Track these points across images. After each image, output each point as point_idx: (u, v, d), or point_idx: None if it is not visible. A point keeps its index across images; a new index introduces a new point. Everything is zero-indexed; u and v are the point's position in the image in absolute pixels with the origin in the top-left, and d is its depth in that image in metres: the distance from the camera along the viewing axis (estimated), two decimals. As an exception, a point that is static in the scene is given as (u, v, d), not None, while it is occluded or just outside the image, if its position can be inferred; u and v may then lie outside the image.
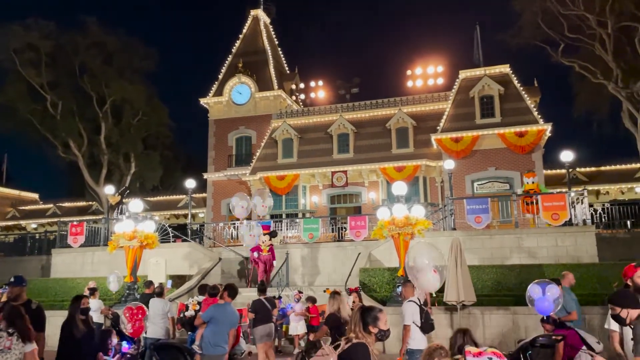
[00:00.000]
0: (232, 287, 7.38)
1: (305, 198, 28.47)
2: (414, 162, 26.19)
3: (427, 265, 7.35)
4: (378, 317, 4.30)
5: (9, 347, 4.47)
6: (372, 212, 26.13)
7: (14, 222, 39.87)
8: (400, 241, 12.70)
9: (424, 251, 7.68)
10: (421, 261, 7.42)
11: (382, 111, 29.25)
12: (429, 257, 7.52)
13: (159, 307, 9.51)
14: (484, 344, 12.02)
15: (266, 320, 9.66)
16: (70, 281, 17.46)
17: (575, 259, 14.93)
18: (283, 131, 29.58)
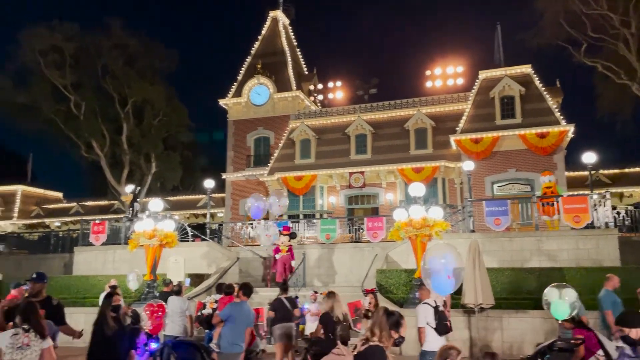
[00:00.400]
0: (247, 286, 7.44)
1: (322, 199, 28.49)
2: (433, 163, 26.03)
3: (441, 268, 7.29)
4: (401, 323, 4.30)
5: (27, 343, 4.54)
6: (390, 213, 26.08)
7: (38, 220, 40.74)
8: (418, 243, 12.64)
9: (440, 253, 7.60)
10: (435, 263, 7.35)
11: (400, 112, 29.11)
12: (445, 259, 7.44)
13: (177, 305, 9.63)
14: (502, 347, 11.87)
15: (285, 319, 9.67)
16: (92, 279, 17.75)
17: (596, 262, 14.67)
18: (301, 132, 29.66)
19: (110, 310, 6.06)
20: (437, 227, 12.48)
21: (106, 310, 6.06)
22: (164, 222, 15.01)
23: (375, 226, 17.70)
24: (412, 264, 14.88)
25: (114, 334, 5.92)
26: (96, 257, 19.94)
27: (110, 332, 5.91)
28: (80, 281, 17.87)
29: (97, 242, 20.00)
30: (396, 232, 12.88)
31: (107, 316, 6.03)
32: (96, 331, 6.04)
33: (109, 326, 5.94)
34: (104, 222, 20.49)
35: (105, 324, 5.95)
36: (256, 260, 19.32)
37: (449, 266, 7.33)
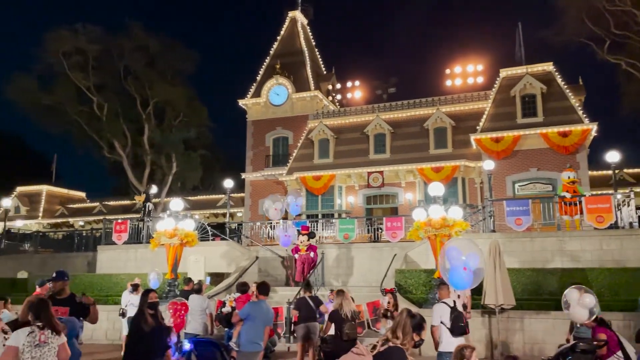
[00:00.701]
0: (264, 284, 7.47)
1: (341, 198, 28.49)
2: (453, 162, 25.84)
3: (458, 261, 7.20)
4: (423, 326, 4.32)
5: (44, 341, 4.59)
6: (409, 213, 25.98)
7: (62, 219, 41.56)
8: (437, 243, 12.57)
9: (457, 246, 7.50)
10: (453, 256, 7.26)
11: (419, 111, 28.96)
12: (462, 252, 7.33)
13: (198, 304, 9.74)
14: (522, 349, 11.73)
15: (308, 318, 9.68)
16: (115, 277, 18.08)
17: (620, 263, 14.39)
18: (319, 131, 29.70)
19: (147, 307, 6.03)
20: (456, 227, 12.39)
21: (144, 307, 6.03)
22: (185, 222, 15.18)
23: (394, 226, 17.66)
24: (431, 264, 14.83)
25: (151, 330, 5.86)
26: (118, 255, 20.27)
27: (148, 328, 5.86)
28: (103, 279, 18.21)
29: (119, 241, 20.31)
30: (415, 232, 12.82)
31: (145, 313, 5.98)
32: (134, 328, 6.01)
33: (147, 323, 5.88)
34: (125, 221, 20.79)
35: (144, 320, 5.91)
36: (275, 260, 19.42)
37: (468, 261, 7.23)
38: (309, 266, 16.52)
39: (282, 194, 30.55)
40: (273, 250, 19.44)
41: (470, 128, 26.44)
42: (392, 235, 17.65)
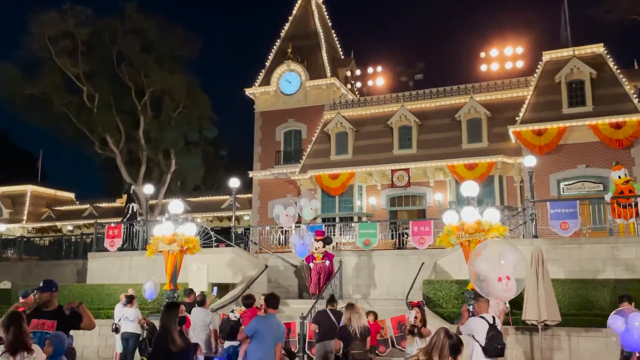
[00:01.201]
0: (273, 296, 7.45)
1: (361, 199, 28.49)
2: (488, 158, 25.69)
3: (494, 268, 7.09)
4: (461, 349, 4.38)
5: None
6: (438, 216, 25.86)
7: (49, 223, 42.17)
8: (471, 250, 12.47)
9: (493, 249, 7.37)
10: (487, 263, 7.15)
11: (450, 100, 28.84)
12: (500, 257, 7.20)
13: (200, 318, 9.80)
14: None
15: (329, 335, 9.67)
16: (107, 287, 18.30)
17: (684, 274, 14.16)
18: (337, 124, 29.73)
19: (176, 323, 5.71)
20: (493, 232, 12.27)
21: (172, 323, 5.70)
22: (185, 226, 15.24)
23: (422, 231, 17.61)
24: (464, 274, 14.74)
25: (180, 351, 5.56)
26: (111, 263, 20.49)
27: (176, 349, 5.56)
28: (94, 290, 18.45)
29: (112, 248, 20.52)
30: (446, 237, 12.75)
31: (172, 331, 5.64)
32: (159, 350, 5.68)
33: (175, 343, 5.56)
34: (119, 225, 21.02)
35: (171, 340, 5.57)
36: (287, 269, 19.49)
37: (505, 267, 7.10)
38: (325, 276, 16.55)
39: (295, 195, 30.75)
40: (284, 259, 19.51)
41: (509, 119, 26.26)
42: (420, 241, 17.58)
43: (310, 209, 16.90)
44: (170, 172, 36.55)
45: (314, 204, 17.09)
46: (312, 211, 17.10)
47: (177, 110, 36.11)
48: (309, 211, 17.02)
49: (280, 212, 16.84)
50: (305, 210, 16.90)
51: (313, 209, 17.05)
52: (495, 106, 27.68)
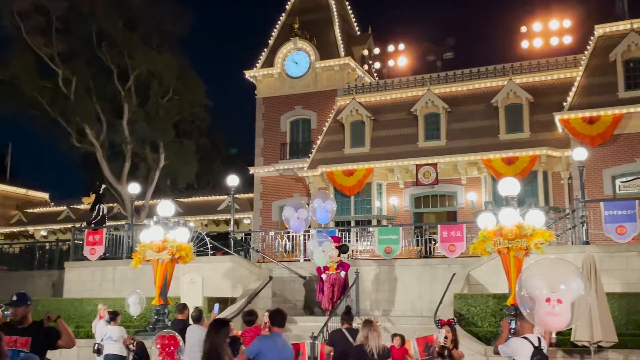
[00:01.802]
0: (278, 313, 7.45)
1: (380, 200, 28.47)
2: (531, 151, 25.57)
3: (544, 291, 7.04)
4: None
5: None
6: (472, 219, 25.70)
7: (19, 228, 42.53)
8: (510, 259, 12.48)
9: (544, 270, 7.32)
10: (536, 285, 7.11)
11: (485, 82, 28.77)
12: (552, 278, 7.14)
13: (197, 337, 9.84)
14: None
15: (345, 357, 9.76)
16: (87, 302, 18.46)
17: None
18: (352, 111, 29.72)
19: (227, 345, 5.71)
20: (537, 238, 12.27)
21: (222, 344, 5.70)
22: (177, 231, 15.38)
23: (453, 236, 17.65)
24: (502, 287, 14.69)
25: None
26: (92, 274, 20.67)
27: None
28: (72, 305, 18.60)
29: (92, 256, 20.71)
30: (481, 244, 12.73)
31: (222, 353, 5.67)
32: None
33: None
34: (101, 230, 21.19)
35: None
36: (294, 281, 19.54)
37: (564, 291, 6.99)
38: (339, 290, 16.57)
39: (303, 194, 30.82)
40: (291, 269, 19.56)
41: (555, 105, 26.11)
42: (450, 248, 17.61)
43: (325, 211, 16.89)
44: (159, 169, 36.66)
45: (330, 206, 17.08)
46: (327, 214, 17.08)
47: (166, 97, 36.22)
48: (325, 214, 17.00)
49: (290, 214, 16.88)
50: (319, 212, 16.89)
51: (329, 211, 17.03)
52: (539, 90, 27.51)
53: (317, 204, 16.92)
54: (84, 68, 35.09)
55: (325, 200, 17.10)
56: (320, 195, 17.53)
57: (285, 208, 17.21)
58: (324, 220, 17.30)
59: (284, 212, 17.20)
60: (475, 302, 14.55)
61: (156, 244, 15.06)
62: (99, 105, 35.27)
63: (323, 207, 16.84)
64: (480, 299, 14.61)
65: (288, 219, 16.94)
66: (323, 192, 18.42)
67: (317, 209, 16.88)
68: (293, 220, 16.78)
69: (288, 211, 17.00)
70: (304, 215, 16.79)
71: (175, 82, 36.02)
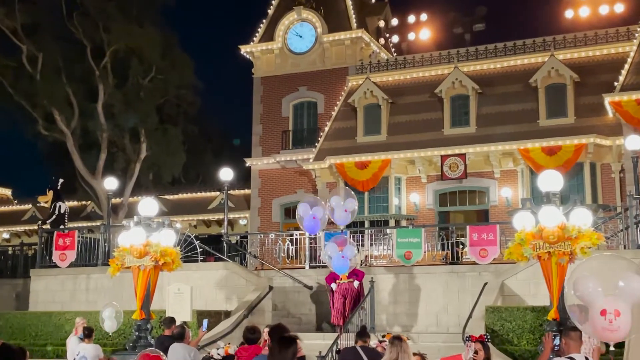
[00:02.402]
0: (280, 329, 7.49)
1: (399, 197, 28.47)
2: (576, 139, 25.54)
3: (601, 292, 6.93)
4: None
5: None
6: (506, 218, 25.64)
7: (-22, 230, 42.65)
8: (552, 265, 12.40)
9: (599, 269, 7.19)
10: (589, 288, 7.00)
11: (522, 59, 28.79)
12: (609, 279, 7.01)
13: (180, 356, 9.88)
14: None
15: None
16: (57, 316, 18.47)
17: None
18: (365, 93, 29.71)
19: None
20: (583, 241, 12.18)
21: None
22: (161, 233, 15.35)
23: (484, 239, 17.60)
24: (542, 299, 14.63)
25: None
26: (62, 284, 20.74)
27: None
28: (39, 320, 18.62)
29: (63, 263, 20.74)
30: (517, 248, 12.65)
31: None
32: None
33: None
34: (72, 232, 21.22)
35: None
36: (298, 291, 19.58)
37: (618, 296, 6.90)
38: (352, 301, 16.58)
39: (308, 190, 30.82)
40: (295, 277, 19.57)
41: (604, 85, 26.11)
42: (481, 253, 17.54)
43: (344, 211, 16.76)
44: (140, 160, 36.71)
45: (351, 205, 16.94)
46: (348, 214, 16.94)
47: (148, 77, 36.23)
48: (345, 214, 16.84)
49: (305, 212, 16.79)
50: (337, 212, 16.73)
51: (350, 211, 16.91)
52: (586, 67, 27.48)
53: (335, 203, 16.77)
54: (51, 43, 35.12)
55: (345, 198, 16.94)
56: (339, 192, 17.37)
57: (299, 205, 17.15)
58: (343, 221, 17.18)
59: (298, 210, 17.12)
60: (510, 316, 14.48)
61: (137, 249, 15.00)
62: (70, 87, 35.29)
63: (342, 206, 16.68)
64: (516, 312, 14.54)
65: (302, 217, 16.84)
66: (343, 188, 18.31)
67: (336, 208, 16.74)
68: (308, 220, 16.67)
69: (303, 208, 16.87)
70: (320, 214, 16.68)
71: (158, 59, 35.99)
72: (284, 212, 32.13)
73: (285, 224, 31.64)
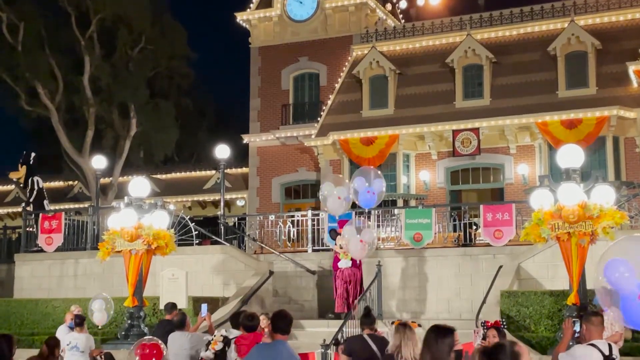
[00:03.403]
0: (282, 316, 7.46)
1: (408, 175, 28.49)
2: (598, 111, 25.48)
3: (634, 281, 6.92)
4: (517, 353, 4.54)
5: None
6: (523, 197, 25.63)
7: (-43, 212, 42.74)
8: (572, 247, 12.46)
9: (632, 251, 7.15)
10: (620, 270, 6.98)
11: (540, 25, 28.64)
12: None
13: (179, 344, 9.98)
14: None
15: None
16: (43, 304, 18.53)
17: None
18: (371, 63, 29.59)
19: None
20: (605, 220, 12.22)
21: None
22: (154, 215, 15.42)
23: (499, 219, 17.65)
24: (560, 283, 14.73)
25: None
26: (49, 269, 20.82)
27: None
28: (25, 308, 18.71)
29: (49, 247, 20.81)
30: (535, 228, 12.70)
31: None
32: None
33: None
34: (59, 214, 21.27)
35: None
36: (300, 276, 19.66)
37: None
38: (356, 287, 16.62)
39: (311, 169, 30.83)
40: (297, 262, 19.62)
41: (628, 52, 26.04)
42: (495, 234, 17.59)
43: (370, 193, 16.61)
44: (130, 137, 36.70)
45: (378, 186, 16.79)
46: (374, 196, 16.81)
47: (137, 47, 36.12)
48: (370, 196, 16.69)
49: (329, 192, 16.71)
50: (361, 193, 16.54)
51: (376, 193, 16.79)
52: (608, 33, 27.32)
53: (359, 184, 16.63)
54: (33, 11, 34.99)
55: (372, 179, 16.79)
56: (363, 172, 17.22)
57: (323, 184, 17.14)
58: (368, 204, 17.14)
59: (322, 189, 17.08)
60: (527, 301, 14.55)
61: (128, 232, 15.09)
62: (54, 59, 35.22)
63: (365, 187, 16.53)
64: (533, 297, 14.61)
65: (326, 197, 16.78)
66: (369, 168, 18.09)
67: (360, 190, 16.64)
68: (332, 200, 16.61)
69: (327, 188, 16.80)
70: (344, 194, 16.61)
71: (148, 28, 35.88)
72: (285, 191, 32.14)
73: (285, 204, 31.67)
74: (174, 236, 16.20)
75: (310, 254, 20.27)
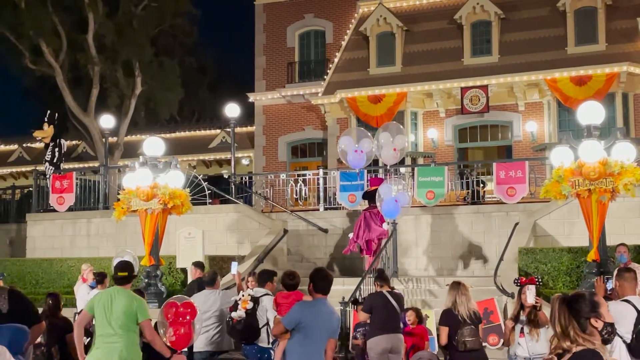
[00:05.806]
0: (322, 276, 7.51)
1: (416, 133, 28.45)
2: (607, 67, 25.35)
3: None
4: (597, 302, 4.63)
5: None
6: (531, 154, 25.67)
7: (-37, 172, 42.71)
8: (593, 203, 12.49)
9: None
10: None
11: (548, -21, 28.27)
12: None
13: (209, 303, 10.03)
14: None
15: (390, 327, 10.03)
16: (58, 263, 18.69)
17: None
18: (378, 20, 29.38)
19: None
20: (626, 177, 12.26)
21: None
22: (169, 174, 15.39)
23: (512, 177, 17.65)
24: (578, 239, 14.80)
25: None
26: (61, 229, 20.89)
27: None
28: (40, 267, 18.84)
29: (61, 207, 20.84)
30: (555, 185, 12.74)
31: None
32: None
33: None
34: (70, 174, 21.26)
35: None
36: (312, 235, 19.72)
37: None
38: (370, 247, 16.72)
39: (317, 128, 30.74)
40: (309, 220, 19.66)
41: (638, 8, 25.87)
42: (509, 192, 17.62)
43: (393, 148, 16.56)
44: (135, 96, 36.57)
45: (400, 143, 16.70)
46: (397, 153, 16.74)
47: (141, 4, 35.83)
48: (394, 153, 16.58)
49: (347, 145, 16.64)
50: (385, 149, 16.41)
51: (399, 149, 16.71)
52: (619, -12, 27.03)
53: (384, 139, 16.57)
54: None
55: (395, 134, 16.71)
56: (388, 128, 17.15)
57: (341, 138, 17.11)
58: (391, 161, 17.15)
59: (339, 143, 17.02)
60: (545, 258, 14.67)
61: (144, 191, 15.07)
62: (57, 17, 34.94)
63: (390, 143, 16.49)
64: (552, 253, 14.72)
65: (345, 151, 16.70)
66: (394, 124, 18.05)
67: (384, 145, 16.58)
68: (352, 154, 16.54)
69: (345, 142, 16.74)
70: (367, 147, 16.51)
71: (152, -16, 35.57)
72: (291, 150, 32.09)
73: (292, 163, 31.66)
74: (189, 195, 16.19)
75: (323, 212, 20.36)
